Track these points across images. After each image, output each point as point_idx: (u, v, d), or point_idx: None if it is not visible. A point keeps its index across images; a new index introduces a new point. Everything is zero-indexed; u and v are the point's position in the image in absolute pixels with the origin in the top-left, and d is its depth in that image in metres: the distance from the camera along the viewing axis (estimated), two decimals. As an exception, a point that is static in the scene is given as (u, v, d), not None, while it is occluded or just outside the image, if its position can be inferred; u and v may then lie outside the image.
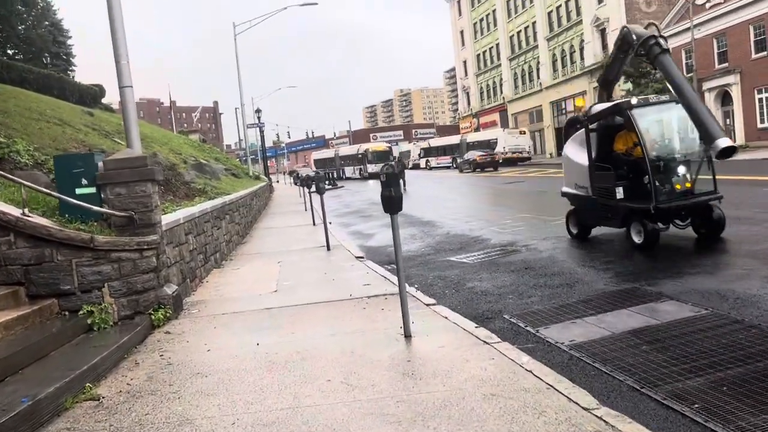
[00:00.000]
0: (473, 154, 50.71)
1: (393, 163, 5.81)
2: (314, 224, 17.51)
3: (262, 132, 49.48)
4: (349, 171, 70.24)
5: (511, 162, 53.32)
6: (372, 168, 60.66)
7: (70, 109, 19.59)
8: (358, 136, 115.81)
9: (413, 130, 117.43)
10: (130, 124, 9.59)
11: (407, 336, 5.72)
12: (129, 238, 7.03)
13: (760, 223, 10.59)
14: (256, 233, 17.85)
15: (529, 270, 8.89)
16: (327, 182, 48.83)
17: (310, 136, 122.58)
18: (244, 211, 17.63)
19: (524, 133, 58.31)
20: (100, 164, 7.38)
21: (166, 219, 8.35)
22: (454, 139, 68.33)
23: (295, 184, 42.10)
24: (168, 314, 7.16)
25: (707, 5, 38.39)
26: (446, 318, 6.38)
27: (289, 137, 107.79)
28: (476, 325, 5.99)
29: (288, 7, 34.23)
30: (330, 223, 18.81)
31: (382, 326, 6.23)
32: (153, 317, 6.95)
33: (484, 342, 5.41)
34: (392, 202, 5.61)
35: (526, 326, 6.25)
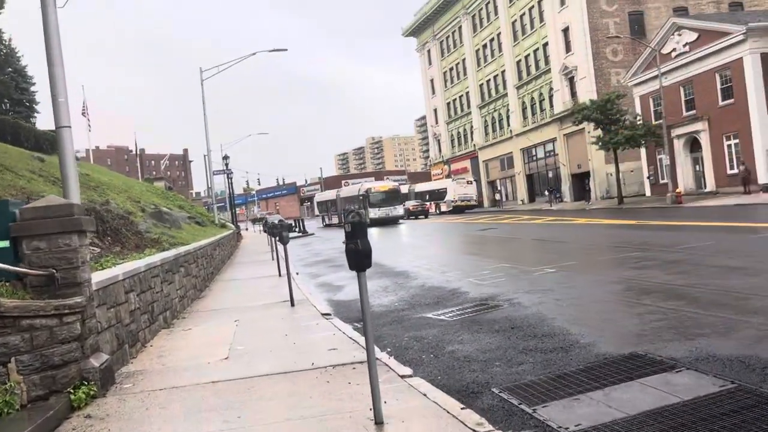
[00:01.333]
0: (408, 204, 57.72)
1: (359, 209, 4.80)
2: (280, 275, 16.37)
3: (230, 179, 48.40)
4: None
5: (459, 210, 59.38)
6: (375, 212, 49.47)
7: (18, 154, 18.40)
8: (329, 183, 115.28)
9: (385, 177, 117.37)
10: (67, 168, 8.63)
11: (378, 423, 4.66)
12: (45, 301, 5.88)
13: (759, 274, 9.82)
14: (216, 286, 16.63)
15: (515, 330, 7.91)
16: (296, 229, 47.79)
17: (281, 183, 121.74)
18: (203, 262, 16.43)
19: (471, 183, 63.34)
20: (18, 213, 6.28)
21: (100, 276, 7.22)
22: (403, 189, 69.31)
23: (265, 231, 40.95)
24: (92, 392, 5.97)
25: (673, 54, 39.00)
26: (425, 395, 5.33)
27: (259, 184, 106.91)
28: (462, 406, 4.96)
29: (256, 52, 33.64)
30: (297, 273, 17.71)
31: (348, 407, 5.16)
32: (72, 397, 5.76)
33: (473, 431, 4.38)
34: (359, 258, 4.63)
35: (520, 404, 5.23)
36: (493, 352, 7.00)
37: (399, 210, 51.83)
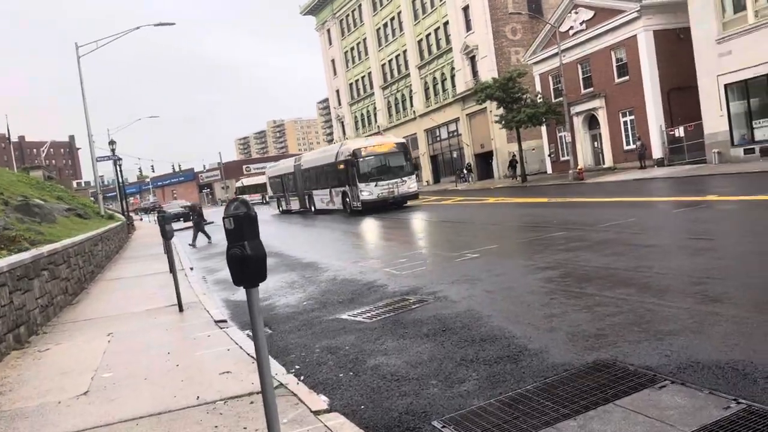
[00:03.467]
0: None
1: (245, 198, 3.22)
2: (171, 271, 14.42)
3: (118, 166, 44.66)
4: (321, 196, 35.89)
5: None
6: (371, 190, 30.20)
7: None
8: (230, 169, 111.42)
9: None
10: None
11: (285, 504, 3.22)
12: None
13: (700, 253, 9.14)
14: (96, 287, 14.46)
15: (448, 333, 6.66)
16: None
17: (177, 169, 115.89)
18: (78, 261, 14.19)
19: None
20: None
21: None
22: (264, 178, 66.12)
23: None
24: None
25: (570, 32, 39.38)
26: (349, 445, 3.95)
27: (154, 171, 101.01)
28: (401, 463, 3.62)
29: (140, 26, 30.65)
30: (191, 269, 15.83)
31: (242, 472, 3.69)
32: None
33: None
34: (248, 267, 3.14)
35: (473, 445, 3.96)
36: (426, 365, 5.72)
37: (411, 184, 31.45)
